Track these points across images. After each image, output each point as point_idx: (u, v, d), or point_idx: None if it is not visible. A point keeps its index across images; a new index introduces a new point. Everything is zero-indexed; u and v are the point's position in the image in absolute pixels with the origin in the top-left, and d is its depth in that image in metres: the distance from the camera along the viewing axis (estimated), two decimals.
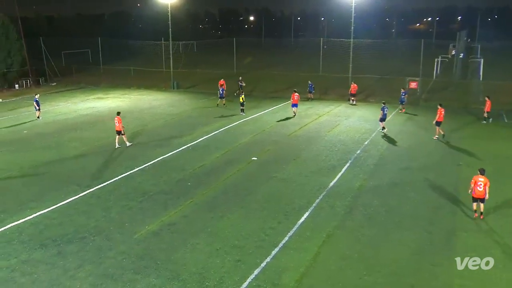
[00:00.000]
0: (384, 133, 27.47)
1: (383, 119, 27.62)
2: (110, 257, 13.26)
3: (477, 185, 15.42)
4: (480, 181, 15.41)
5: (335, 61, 52.77)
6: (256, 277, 12.22)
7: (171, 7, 47.32)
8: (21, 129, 29.92)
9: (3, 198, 17.73)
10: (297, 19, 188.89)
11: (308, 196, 17.84)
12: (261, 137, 27.10)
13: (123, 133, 25.04)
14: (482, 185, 15.36)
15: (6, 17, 50.22)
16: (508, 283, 12.02)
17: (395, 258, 13.17)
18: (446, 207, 16.70)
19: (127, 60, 67.57)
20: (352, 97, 38.08)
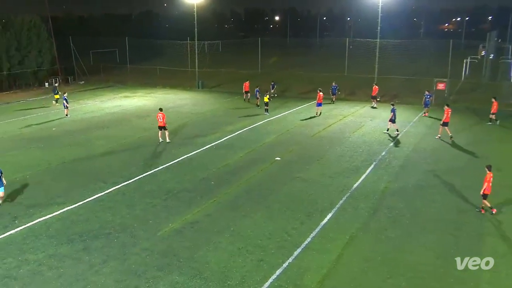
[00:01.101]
0: (388, 133, 27.36)
1: (393, 120, 27.28)
2: (134, 254, 13.45)
3: (490, 182, 15.80)
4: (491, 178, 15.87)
5: (361, 62, 52.20)
6: (278, 277, 12.21)
7: (197, 7, 47.67)
8: (50, 126, 30.66)
9: (33, 193, 18.20)
10: (323, 19, 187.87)
11: (331, 197, 17.72)
12: (285, 137, 27.05)
13: (166, 129, 25.76)
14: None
15: (37, 16, 51.54)
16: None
17: (420, 262, 12.96)
18: (472, 211, 16.33)
19: (153, 60, 68.42)
20: (373, 99, 37.41)
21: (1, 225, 15.27)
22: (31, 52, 49.64)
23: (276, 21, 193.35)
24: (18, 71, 48.55)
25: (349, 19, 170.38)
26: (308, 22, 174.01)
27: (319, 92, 33.12)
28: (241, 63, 66.20)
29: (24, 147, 25.17)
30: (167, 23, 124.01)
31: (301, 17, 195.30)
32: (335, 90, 38.87)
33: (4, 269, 12.64)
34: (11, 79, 48.74)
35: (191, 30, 49.46)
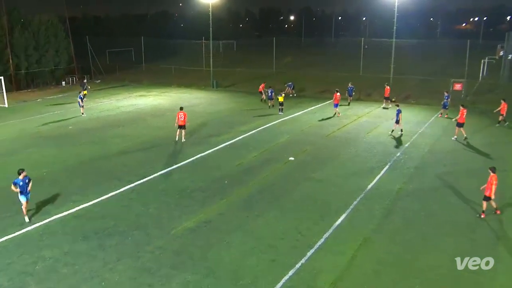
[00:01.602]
0: (393, 135, 27.07)
1: (397, 121, 27.06)
2: (148, 252, 13.56)
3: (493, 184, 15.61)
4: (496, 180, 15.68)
5: (376, 62, 51.86)
6: (291, 278, 12.19)
7: (212, 7, 47.83)
8: (66, 124, 31.04)
9: (49, 191, 18.45)
10: (338, 18, 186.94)
11: (345, 198, 17.63)
12: (299, 137, 26.99)
13: (185, 128, 25.94)
14: None
15: (55, 16, 52.24)
16: None
17: (434, 265, 12.81)
18: (490, 214, 16.07)
19: (168, 59, 68.87)
20: (386, 100, 37.03)
21: (18, 222, 15.52)
22: (49, 51, 50.35)
23: (291, 21, 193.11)
24: (36, 70, 49.27)
25: (364, 18, 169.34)
26: (323, 22, 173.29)
27: (336, 93, 32.97)
28: (256, 63, 66.26)
29: (41, 145, 25.54)
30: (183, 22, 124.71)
31: (316, 17, 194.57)
32: (351, 91, 38.20)
33: (20, 265, 12.85)
34: (29, 78, 49.49)
35: (206, 30, 49.62)
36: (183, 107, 27.04)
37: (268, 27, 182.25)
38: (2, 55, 45.76)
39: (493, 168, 15.96)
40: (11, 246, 13.90)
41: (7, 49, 45.67)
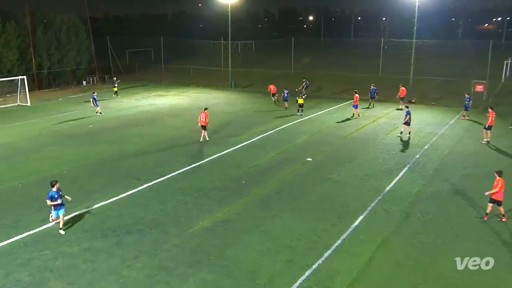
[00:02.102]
0: (401, 136, 26.74)
1: (407, 122, 26.63)
2: (165, 250, 13.67)
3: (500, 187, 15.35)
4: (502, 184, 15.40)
5: (396, 62, 51.32)
6: (307, 278, 12.15)
7: (231, 7, 47.97)
8: (87, 123, 31.50)
9: (70, 188, 18.69)
10: (358, 18, 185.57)
11: (363, 199, 17.49)
12: (317, 138, 26.88)
13: (206, 129, 26.03)
14: None
15: (76, 17, 53.08)
16: None
17: (453, 268, 12.61)
18: (510, 218, 15.76)
19: (187, 59, 69.30)
20: (402, 101, 36.54)
21: (39, 218, 15.80)
22: (70, 51, 51.18)
23: (309, 21, 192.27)
24: (58, 70, 50.14)
25: (384, 19, 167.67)
26: (342, 22, 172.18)
27: (355, 94, 32.72)
28: (274, 63, 66.20)
29: (62, 143, 25.97)
30: (202, 23, 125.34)
31: (335, 17, 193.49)
32: (373, 93, 36.81)
33: (41, 260, 13.09)
34: (51, 77, 50.39)
35: (225, 30, 49.80)
36: (207, 107, 27.11)
37: (286, 27, 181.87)
38: (25, 55, 46.68)
39: (499, 172, 15.65)
40: (32, 242, 14.17)
41: (30, 49, 46.59)
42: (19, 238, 14.43)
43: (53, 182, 14.77)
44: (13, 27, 45.00)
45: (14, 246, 13.95)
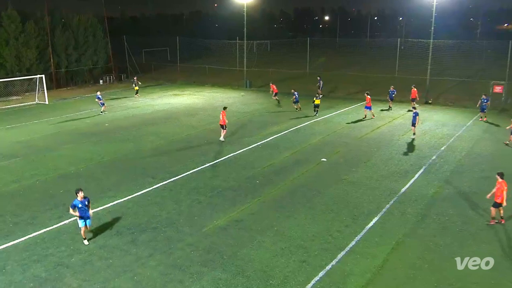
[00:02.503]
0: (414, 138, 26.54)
1: (414, 123, 26.68)
2: (179, 249, 13.74)
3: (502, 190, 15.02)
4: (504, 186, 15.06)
5: (413, 63, 50.78)
6: (321, 279, 12.10)
7: (246, 7, 48.02)
8: (103, 122, 31.84)
9: (86, 186, 18.86)
10: (374, 18, 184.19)
11: (377, 200, 17.35)
12: (331, 138, 26.76)
13: (225, 128, 26.08)
14: None
15: (94, 17, 53.70)
16: None
17: (470, 272, 12.43)
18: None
19: (202, 58, 69.57)
20: (413, 102, 36.06)
21: (55, 215, 16.02)
22: (88, 50, 51.80)
23: (325, 21, 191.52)
24: (75, 69, 50.80)
25: (401, 18, 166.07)
26: (359, 22, 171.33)
27: (367, 95, 32.42)
28: (289, 63, 66.06)
29: (78, 141, 26.30)
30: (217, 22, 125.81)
31: (351, 17, 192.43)
32: (392, 95, 35.90)
33: (57, 257, 13.27)
34: (69, 76, 51.07)
35: (240, 30, 49.88)
36: (226, 107, 27.31)
37: (302, 27, 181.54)
38: (44, 54, 47.42)
39: (501, 173, 15.34)
40: (48, 238, 14.38)
41: (49, 48, 47.29)
42: (36, 234, 14.66)
43: (77, 190, 13.69)
44: (32, 27, 45.76)
45: (31, 242, 14.17)
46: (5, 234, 14.69)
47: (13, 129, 29.83)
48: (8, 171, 21.02)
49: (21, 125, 30.98)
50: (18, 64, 45.25)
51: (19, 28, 44.86)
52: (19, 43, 44.71)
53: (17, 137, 27.58)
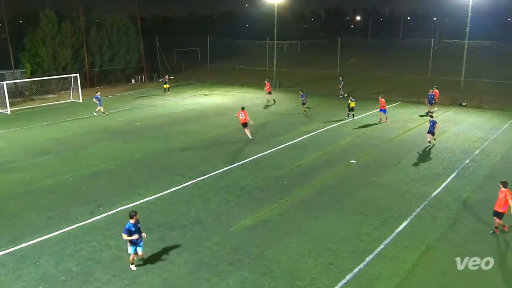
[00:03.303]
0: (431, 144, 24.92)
1: (431, 131, 24.81)
2: (207, 247, 13.85)
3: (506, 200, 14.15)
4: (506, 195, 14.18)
5: (446, 64, 49.64)
6: (348, 282, 11.97)
7: (277, 7, 47.96)
8: (134, 120, 32.41)
9: (117, 183, 19.37)
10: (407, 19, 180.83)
11: (408, 204, 17.04)
12: (361, 140, 26.43)
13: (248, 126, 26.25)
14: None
15: (127, 17, 54.76)
16: None
17: (504, 280, 12.04)
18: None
19: (232, 58, 69.88)
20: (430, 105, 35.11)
21: (87, 211, 16.42)
22: (120, 50, 52.85)
23: (357, 21, 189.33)
24: (108, 68, 51.90)
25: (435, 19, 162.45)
26: (391, 22, 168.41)
27: (381, 98, 31.12)
28: (320, 64, 65.61)
29: (110, 139, 26.86)
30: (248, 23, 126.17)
31: (383, 17, 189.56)
32: (432, 99, 33.91)
33: (89, 251, 13.59)
34: (102, 75, 52.22)
35: (271, 30, 49.85)
36: (244, 107, 27.31)
37: (333, 27, 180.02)
38: (79, 54, 48.64)
39: (504, 182, 14.49)
40: (80, 234, 14.74)
41: (83, 48, 48.48)
42: (69, 229, 15.05)
43: (132, 213, 12.42)
44: (68, 27, 47.02)
45: (64, 236, 14.56)
46: (40, 228, 15.15)
47: (48, 127, 30.74)
48: (43, 167, 21.68)
49: (56, 123, 31.89)
50: (54, 63, 46.63)
51: (56, 28, 46.16)
52: (55, 43, 46.06)
53: (52, 134, 28.42)
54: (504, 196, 14.21)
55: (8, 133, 28.84)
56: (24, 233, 14.76)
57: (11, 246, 13.95)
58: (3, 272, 12.57)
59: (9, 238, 14.47)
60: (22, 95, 42.04)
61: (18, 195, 18.12)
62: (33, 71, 45.82)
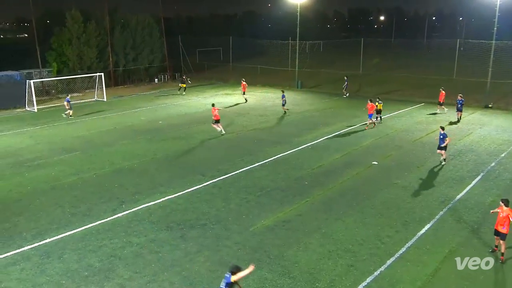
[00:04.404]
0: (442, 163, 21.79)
1: (441, 146, 21.59)
2: (227, 246, 13.90)
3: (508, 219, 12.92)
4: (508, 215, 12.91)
5: (473, 65, 48.66)
6: (368, 285, 11.86)
7: (300, 7, 47.80)
8: (157, 119, 32.76)
9: (139, 181, 19.61)
10: (432, 19, 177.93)
11: (430, 207, 16.77)
12: (383, 141, 26.13)
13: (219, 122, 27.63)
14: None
15: (151, 17, 55.39)
16: None
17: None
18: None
19: (254, 58, 69.89)
20: (440, 106, 34.38)
21: (110, 208, 16.68)
22: (144, 50, 53.49)
23: (380, 21, 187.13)
24: (132, 67, 52.60)
25: (461, 19, 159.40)
26: (415, 22, 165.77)
27: (369, 102, 28.89)
28: (342, 64, 65.08)
29: (133, 138, 27.22)
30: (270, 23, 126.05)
31: (408, 17, 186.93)
32: (461, 105, 31.34)
33: (111, 248, 13.80)
34: (126, 75, 52.95)
35: (293, 30, 49.71)
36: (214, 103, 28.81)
37: (356, 28, 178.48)
38: (103, 53, 49.45)
39: (505, 200, 13.20)
40: (103, 230, 14.98)
41: (108, 48, 49.26)
42: (92, 225, 15.32)
43: (234, 269, 10.06)
44: (93, 27, 47.85)
45: (87, 233, 14.83)
46: (64, 224, 15.46)
47: (74, 124, 31.34)
48: (68, 164, 22.12)
49: (81, 121, 32.50)
50: (80, 62, 47.53)
51: (81, 28, 47.04)
52: (80, 43, 46.92)
53: (77, 132, 28.97)
54: (505, 216, 12.99)
55: (34, 131, 29.52)
56: (48, 229, 15.10)
57: (36, 241, 14.28)
58: (28, 265, 12.89)
59: (34, 232, 14.82)
60: (48, 93, 42.96)
61: (44, 191, 18.54)
62: (59, 70, 46.81)
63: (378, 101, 30.52)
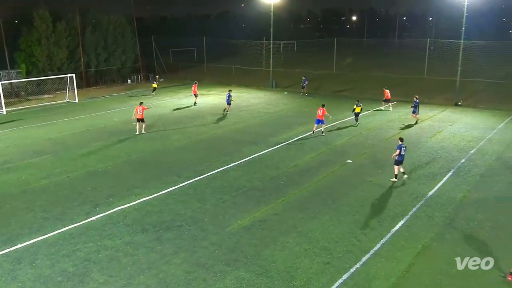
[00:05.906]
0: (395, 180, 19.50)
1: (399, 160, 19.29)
2: (203, 247, 13.83)
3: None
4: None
5: (442, 64, 49.82)
6: (345, 282, 11.98)
7: (273, 7, 47.96)
8: (130, 120, 32.15)
9: (113, 183, 19.31)
10: (403, 19, 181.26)
11: (404, 203, 17.08)
12: (357, 140, 26.47)
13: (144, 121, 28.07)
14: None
15: (122, 17, 54.65)
16: None
17: (500, 279, 12.09)
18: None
19: (229, 59, 69.84)
20: (385, 103, 35.49)
21: (84, 212, 16.37)
22: (116, 50, 52.73)
23: (353, 21, 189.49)
24: (104, 68, 51.77)
25: (431, 19, 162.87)
26: (387, 23, 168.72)
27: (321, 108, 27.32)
28: (316, 64, 65.66)
29: (106, 139, 26.78)
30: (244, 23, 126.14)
31: (380, 17, 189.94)
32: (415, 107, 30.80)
33: (85, 252, 13.54)
34: (98, 75, 52.08)
35: (267, 30, 49.87)
36: (142, 102, 29.12)
37: (329, 28, 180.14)
38: (74, 54, 48.49)
39: None
40: (76, 234, 14.68)
41: (79, 48, 48.34)
42: (65, 229, 14.99)
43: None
44: (63, 27, 46.86)
45: (60, 237, 14.50)
46: (36, 228, 15.09)
47: (45, 127, 30.64)
48: (39, 167, 21.60)
49: (52, 123, 31.79)
50: (50, 63, 46.48)
51: (51, 28, 45.99)
52: (50, 43, 45.89)
53: (48, 134, 28.32)
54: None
55: (3, 134, 28.72)
56: (19, 234, 14.70)
57: (7, 247, 13.88)
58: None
59: (4, 238, 14.40)
60: (17, 95, 41.88)
61: (13, 196, 18.04)
62: (29, 72, 45.66)
63: (357, 104, 30.37)
